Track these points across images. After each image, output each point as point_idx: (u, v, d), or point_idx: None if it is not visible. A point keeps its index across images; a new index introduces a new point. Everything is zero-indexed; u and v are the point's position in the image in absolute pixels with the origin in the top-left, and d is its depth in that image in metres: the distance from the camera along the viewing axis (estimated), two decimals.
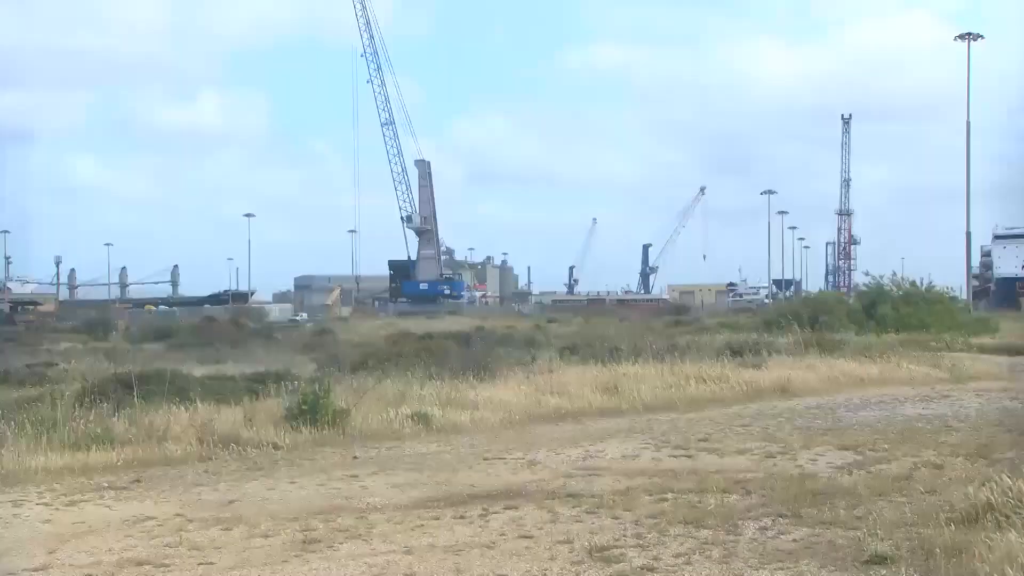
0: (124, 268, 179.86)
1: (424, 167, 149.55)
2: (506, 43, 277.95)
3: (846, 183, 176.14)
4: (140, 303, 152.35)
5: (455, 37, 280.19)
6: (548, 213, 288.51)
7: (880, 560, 8.58)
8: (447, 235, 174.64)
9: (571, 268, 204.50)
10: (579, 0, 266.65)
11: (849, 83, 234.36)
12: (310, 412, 18.50)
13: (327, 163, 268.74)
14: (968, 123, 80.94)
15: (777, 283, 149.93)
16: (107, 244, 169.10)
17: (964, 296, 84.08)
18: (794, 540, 9.56)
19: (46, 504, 12.79)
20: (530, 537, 10.06)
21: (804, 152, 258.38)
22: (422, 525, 10.81)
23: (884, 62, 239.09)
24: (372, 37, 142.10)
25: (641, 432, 18.30)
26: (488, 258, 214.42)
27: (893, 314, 43.79)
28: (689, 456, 15.29)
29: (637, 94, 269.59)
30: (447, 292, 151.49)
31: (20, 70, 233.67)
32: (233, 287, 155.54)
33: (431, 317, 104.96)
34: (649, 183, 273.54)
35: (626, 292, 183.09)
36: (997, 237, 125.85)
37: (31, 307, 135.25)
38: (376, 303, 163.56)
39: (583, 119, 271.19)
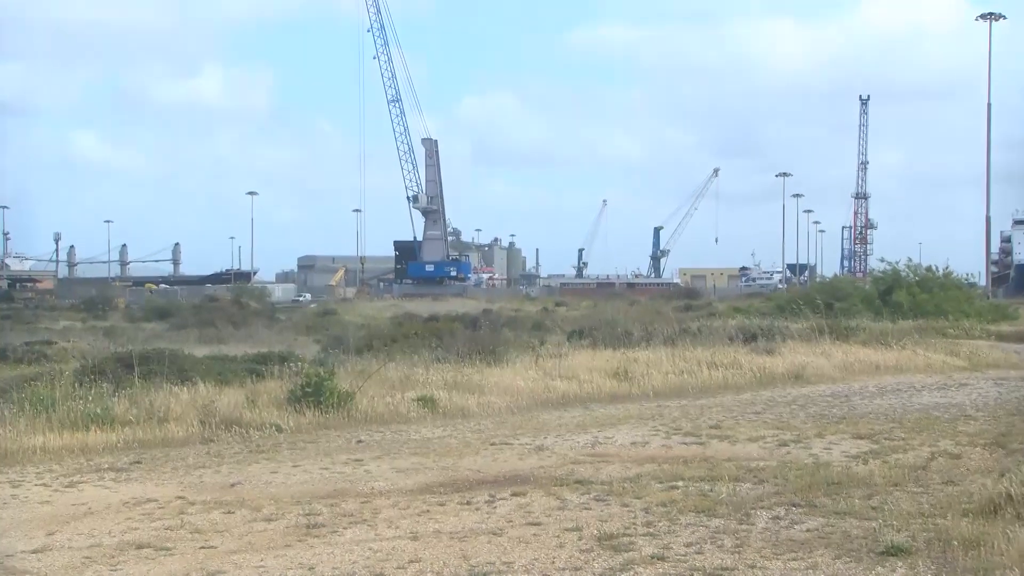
0: (124, 246, 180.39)
1: (431, 146, 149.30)
2: (514, 20, 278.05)
3: (863, 166, 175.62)
4: (140, 281, 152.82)
5: (463, 13, 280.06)
6: (556, 194, 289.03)
7: (896, 552, 8.55)
8: (454, 216, 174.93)
9: (580, 251, 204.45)
10: None
11: (864, 64, 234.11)
12: (314, 394, 18.54)
13: (332, 141, 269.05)
14: (989, 105, 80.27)
15: (791, 267, 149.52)
16: (107, 221, 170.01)
17: (983, 282, 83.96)
18: (808, 530, 9.55)
19: (45, 485, 12.84)
20: (538, 524, 10.06)
21: (818, 134, 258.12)
22: (427, 511, 10.82)
23: (901, 42, 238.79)
24: (379, 11, 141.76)
25: (651, 418, 18.30)
26: (495, 240, 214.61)
27: (910, 300, 43.65)
28: (700, 443, 15.28)
29: (645, 74, 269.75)
30: (453, 274, 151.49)
31: (20, 43, 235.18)
32: (235, 266, 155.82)
33: (437, 299, 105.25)
34: (659, 165, 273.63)
35: (636, 276, 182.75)
36: (1017, 222, 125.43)
37: (29, 284, 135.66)
38: (381, 284, 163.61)
39: (591, 99, 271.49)
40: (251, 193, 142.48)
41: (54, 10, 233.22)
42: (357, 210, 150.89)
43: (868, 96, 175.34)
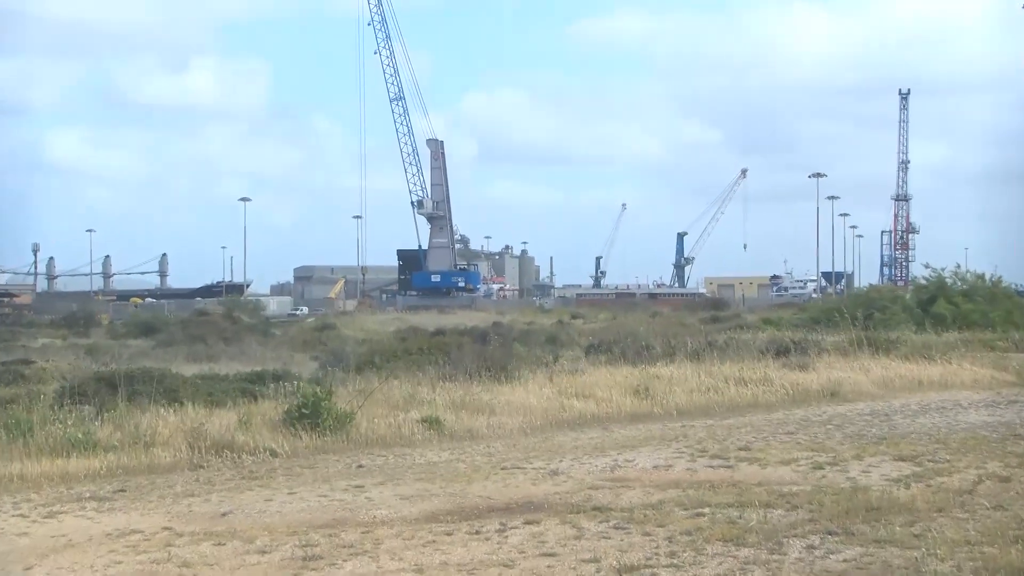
0: (108, 257, 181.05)
1: (436, 147, 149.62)
2: (522, 11, 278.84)
3: (904, 165, 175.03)
4: (125, 295, 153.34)
5: (467, 5, 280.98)
6: (572, 198, 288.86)
7: None
8: (461, 221, 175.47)
9: (598, 259, 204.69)
10: None
11: (901, 54, 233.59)
12: (311, 416, 18.56)
13: (331, 143, 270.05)
14: None
15: (826, 276, 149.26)
16: (89, 230, 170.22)
17: None
18: (844, 560, 9.52)
19: (22, 515, 12.88)
20: (553, 555, 10.06)
21: (852, 131, 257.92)
22: (434, 541, 10.82)
23: (940, 31, 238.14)
24: (380, 4, 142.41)
25: (675, 440, 18.28)
26: (506, 247, 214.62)
27: (955, 310, 43.56)
28: (728, 466, 15.25)
29: (663, 67, 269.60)
30: (461, 284, 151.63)
31: None
32: (227, 278, 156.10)
33: (444, 312, 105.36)
34: (681, 164, 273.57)
35: (659, 285, 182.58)
36: None
37: (6, 299, 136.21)
38: (384, 296, 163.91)
39: (606, 94, 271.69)
40: (244, 199, 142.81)
41: (32, 4, 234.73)
42: (358, 217, 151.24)
43: (908, 90, 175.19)
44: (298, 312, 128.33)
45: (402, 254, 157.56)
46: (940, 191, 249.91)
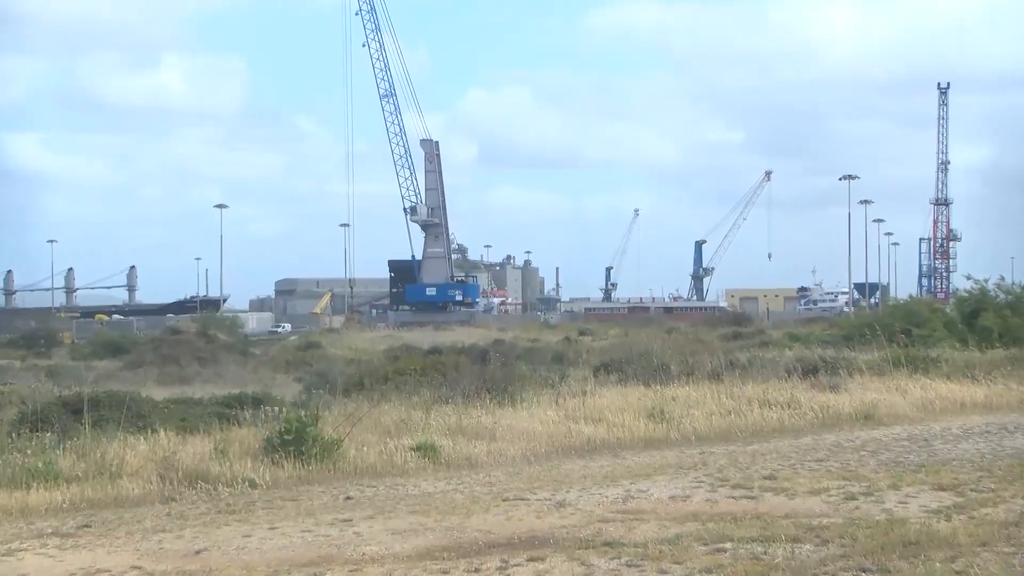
0: (71, 270, 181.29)
1: (431, 148, 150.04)
2: (525, 3, 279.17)
3: (943, 166, 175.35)
4: (90, 312, 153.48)
5: None
6: (579, 204, 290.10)
7: None
8: (459, 230, 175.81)
9: (608, 270, 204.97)
10: None
11: (940, 46, 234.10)
12: (294, 443, 18.56)
13: (315, 145, 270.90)
14: None
15: (859, 287, 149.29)
16: (51, 241, 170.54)
17: None
18: None
19: None
20: None
21: (885, 130, 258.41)
22: None
23: (983, 20, 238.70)
24: None
25: (693, 468, 18.27)
26: (508, 257, 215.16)
27: (1000, 325, 43.47)
28: (752, 497, 15.24)
29: (680, 62, 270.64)
30: (459, 298, 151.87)
31: None
32: (202, 292, 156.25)
33: (440, 328, 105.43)
34: (699, 167, 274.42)
35: (675, 298, 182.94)
36: None
37: None
38: (374, 311, 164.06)
39: (616, 92, 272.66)
40: (220, 206, 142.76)
41: None
42: (345, 225, 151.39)
43: (948, 84, 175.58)
44: (280, 329, 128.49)
45: (394, 265, 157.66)
46: (983, 195, 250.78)
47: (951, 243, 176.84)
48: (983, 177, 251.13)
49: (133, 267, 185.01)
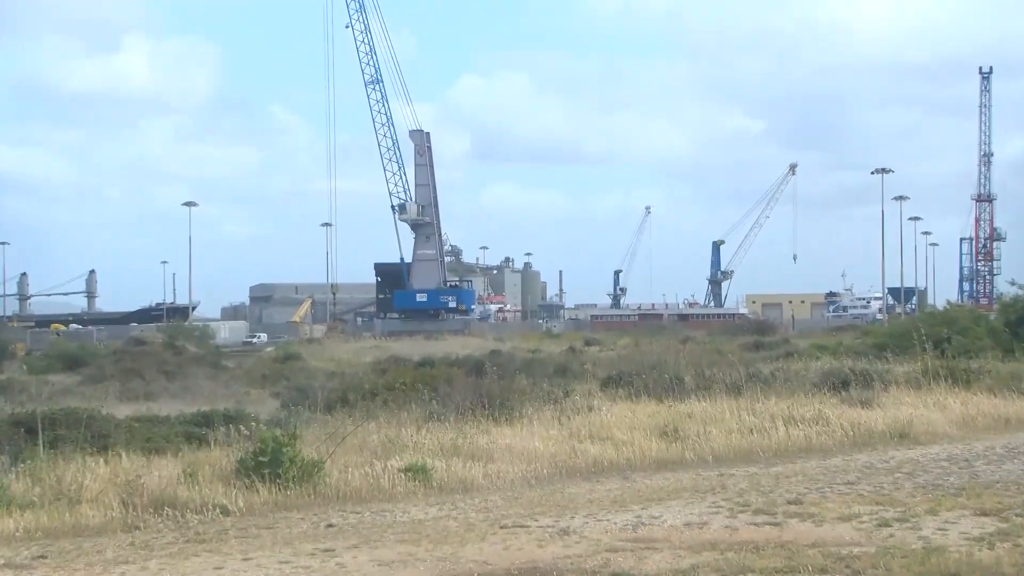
0: (24, 275, 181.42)
1: (421, 139, 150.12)
2: None
3: (986, 159, 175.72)
4: (45, 321, 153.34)
5: None
6: (585, 202, 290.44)
7: None
8: (452, 230, 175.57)
9: (616, 273, 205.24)
10: None
11: (982, 26, 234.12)
12: (270, 465, 18.55)
13: (294, 138, 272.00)
14: None
15: (893, 292, 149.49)
16: (2, 243, 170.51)
17: None
18: None
19: None
20: None
21: (922, 119, 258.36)
22: None
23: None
24: None
25: (711, 491, 18.28)
26: (506, 260, 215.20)
27: None
28: (775, 524, 15.25)
29: (694, 46, 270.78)
30: (452, 305, 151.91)
31: None
32: (169, 299, 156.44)
33: (431, 338, 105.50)
34: (716, 161, 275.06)
35: (690, 304, 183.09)
36: None
37: None
38: (359, 320, 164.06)
39: (624, 80, 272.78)
40: (189, 204, 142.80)
41: None
42: (327, 224, 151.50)
43: (990, 68, 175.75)
44: (255, 340, 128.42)
45: (381, 269, 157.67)
46: None
47: (995, 243, 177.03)
48: None
49: (93, 272, 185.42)
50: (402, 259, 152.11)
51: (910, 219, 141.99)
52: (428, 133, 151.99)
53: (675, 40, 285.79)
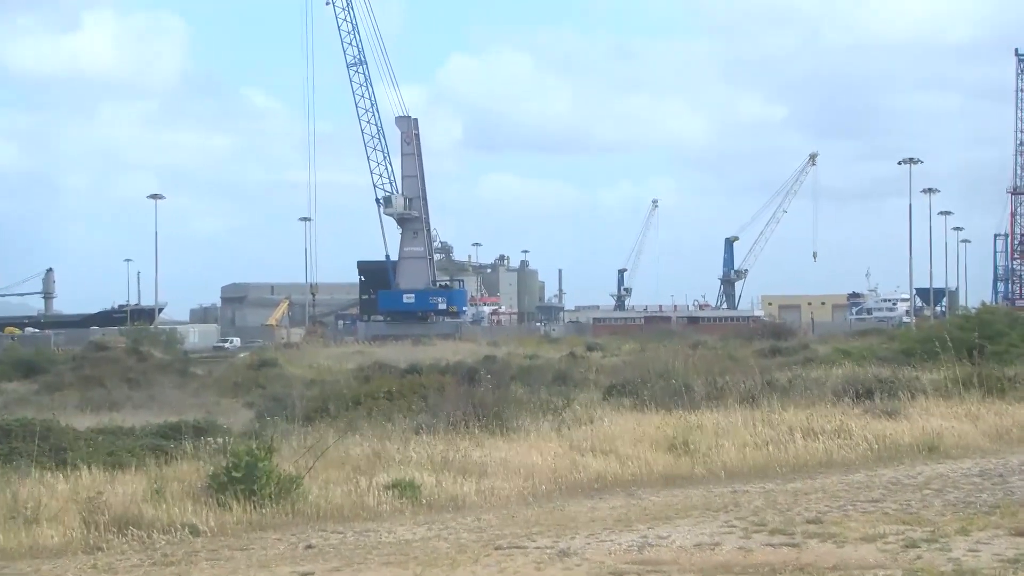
0: None
1: (408, 126, 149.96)
2: None
3: (1022, 148, 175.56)
4: None
5: None
6: (588, 195, 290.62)
7: None
8: (442, 225, 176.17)
9: (621, 272, 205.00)
10: None
11: (1019, 5, 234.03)
12: (244, 481, 18.57)
13: (270, 124, 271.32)
14: None
15: (922, 294, 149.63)
16: None
17: None
18: None
19: None
20: None
21: (956, 105, 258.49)
22: None
23: None
24: None
25: (723, 509, 18.31)
26: (501, 258, 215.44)
27: None
28: (793, 544, 15.27)
29: (709, 23, 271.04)
30: (442, 306, 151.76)
31: None
32: (133, 301, 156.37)
33: (419, 342, 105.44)
34: (732, 150, 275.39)
35: (701, 306, 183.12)
36: None
37: None
38: (341, 322, 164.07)
39: (632, 60, 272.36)
40: (155, 196, 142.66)
41: None
42: (306, 219, 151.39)
43: None
44: (227, 344, 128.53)
45: (364, 268, 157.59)
46: None
47: None
48: None
49: (50, 270, 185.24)
50: (387, 257, 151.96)
51: (940, 213, 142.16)
52: (416, 119, 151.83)
53: (690, 17, 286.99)
